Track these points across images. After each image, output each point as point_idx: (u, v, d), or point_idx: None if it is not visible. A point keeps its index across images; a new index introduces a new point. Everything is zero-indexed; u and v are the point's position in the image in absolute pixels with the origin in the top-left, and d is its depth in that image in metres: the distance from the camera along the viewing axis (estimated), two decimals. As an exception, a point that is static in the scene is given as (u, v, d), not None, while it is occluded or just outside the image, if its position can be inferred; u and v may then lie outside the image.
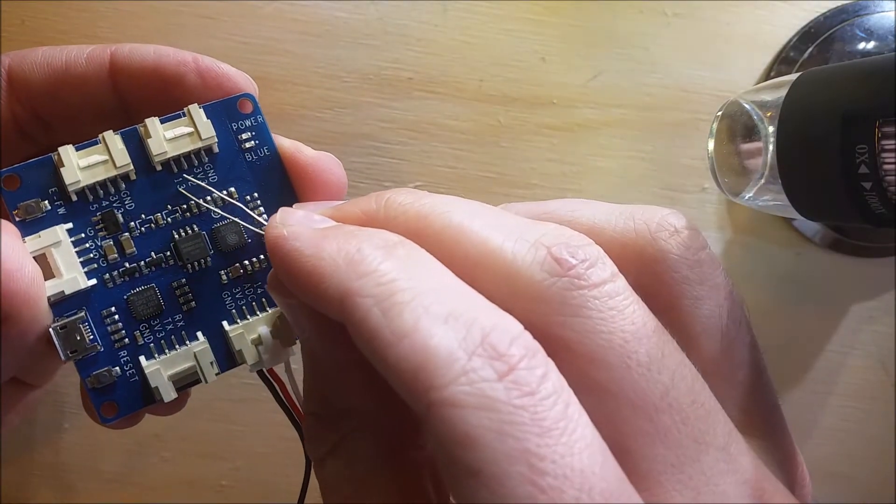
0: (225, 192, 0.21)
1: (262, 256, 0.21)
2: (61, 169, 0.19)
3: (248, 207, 0.21)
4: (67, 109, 0.21)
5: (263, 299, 0.21)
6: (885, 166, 0.21)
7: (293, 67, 0.29)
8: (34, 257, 0.19)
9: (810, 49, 0.31)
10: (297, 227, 0.17)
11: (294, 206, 0.20)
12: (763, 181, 0.26)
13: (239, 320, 0.20)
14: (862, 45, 0.31)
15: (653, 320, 0.15)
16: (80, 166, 0.19)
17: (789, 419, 0.18)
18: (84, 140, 0.20)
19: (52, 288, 0.19)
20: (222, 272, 0.20)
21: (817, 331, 0.34)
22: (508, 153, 0.31)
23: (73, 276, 0.19)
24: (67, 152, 0.19)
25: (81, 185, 0.19)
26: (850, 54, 0.31)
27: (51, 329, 0.19)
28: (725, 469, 0.15)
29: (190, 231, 0.20)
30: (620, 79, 0.31)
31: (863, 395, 0.34)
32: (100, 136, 0.20)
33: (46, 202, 0.19)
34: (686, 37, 0.31)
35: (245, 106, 0.21)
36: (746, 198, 0.28)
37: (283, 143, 0.22)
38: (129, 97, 0.21)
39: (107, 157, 0.19)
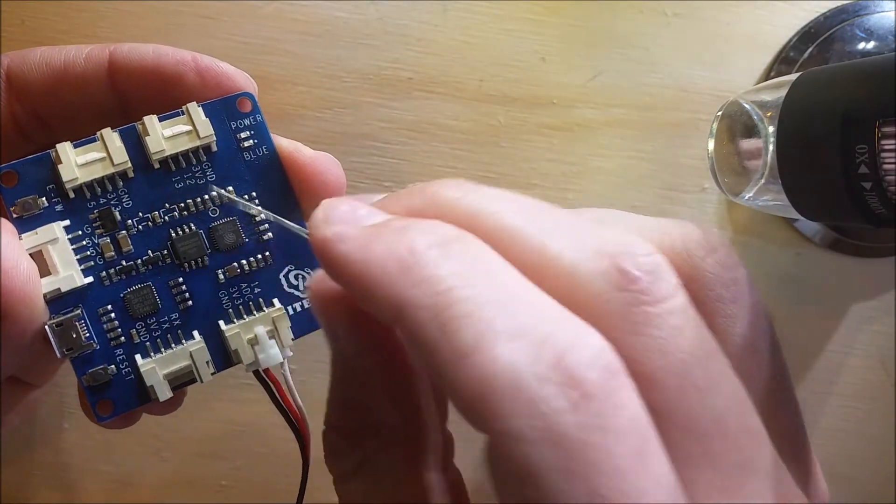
0: (246, 196, 0.20)
1: (259, 256, 0.21)
2: (59, 166, 0.19)
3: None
4: (66, 109, 0.21)
5: (261, 299, 0.21)
6: (885, 166, 0.21)
7: (293, 67, 0.29)
8: (31, 254, 0.19)
9: (810, 49, 0.31)
10: (343, 226, 0.15)
11: (323, 203, 0.18)
12: (763, 181, 0.26)
13: (235, 320, 0.20)
14: (862, 45, 0.31)
15: (711, 340, 0.15)
16: (77, 163, 0.19)
17: (789, 419, 0.18)
18: (83, 127, 0.20)
19: (48, 285, 0.19)
20: (219, 271, 0.20)
21: (817, 331, 0.34)
22: (508, 153, 0.31)
23: (69, 274, 0.19)
24: (65, 149, 0.19)
25: (79, 182, 0.19)
26: (850, 54, 0.31)
27: (46, 326, 0.19)
28: (771, 496, 0.14)
29: (187, 230, 0.20)
30: (620, 79, 0.31)
31: (863, 395, 0.34)
32: (98, 133, 0.19)
33: (44, 199, 0.19)
34: (686, 37, 0.31)
35: (244, 105, 0.21)
36: (746, 198, 0.28)
37: (282, 142, 0.21)
38: (129, 97, 0.21)
39: (104, 155, 0.19)
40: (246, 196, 0.21)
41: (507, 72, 0.31)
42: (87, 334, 0.19)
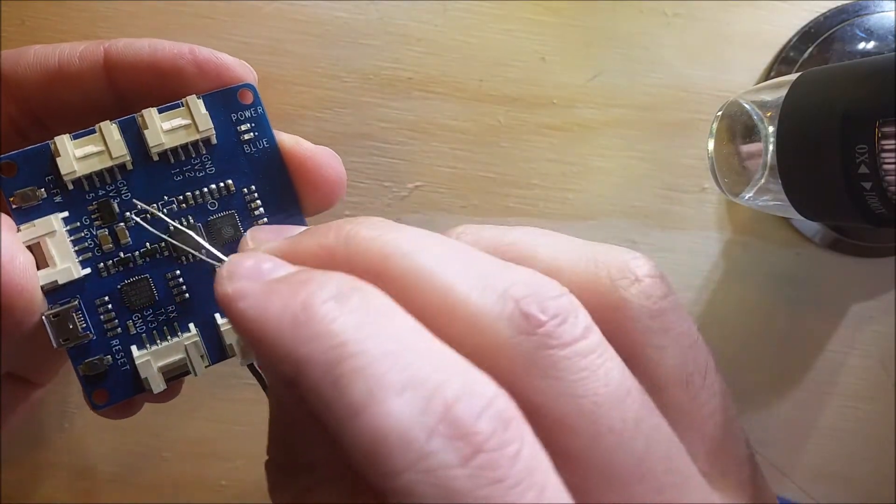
0: (221, 183, 0.20)
1: None
2: (57, 159, 0.19)
3: (244, 200, 0.21)
4: (64, 108, 0.21)
5: None
6: (885, 166, 0.21)
7: (293, 67, 0.29)
8: (29, 247, 0.19)
9: (810, 49, 0.31)
10: (244, 282, 0.15)
11: (250, 232, 0.19)
12: (763, 181, 0.26)
13: None
14: (862, 45, 0.31)
15: (628, 379, 0.15)
16: (76, 156, 0.19)
17: (789, 419, 0.18)
18: (80, 123, 0.20)
19: (45, 277, 0.19)
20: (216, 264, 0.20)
21: (817, 331, 0.34)
22: (508, 153, 0.31)
23: (66, 266, 0.19)
24: (64, 142, 0.19)
25: (77, 174, 0.19)
26: (850, 54, 0.31)
27: (43, 316, 0.19)
28: None
29: (185, 223, 0.20)
30: (620, 79, 0.31)
31: (863, 395, 0.34)
32: (96, 126, 0.19)
33: (43, 190, 0.19)
34: (686, 37, 0.31)
35: (245, 96, 0.20)
36: (746, 198, 0.28)
37: (283, 136, 0.21)
38: (126, 93, 0.21)
39: (103, 148, 0.19)
40: (245, 190, 0.21)
41: (507, 72, 0.31)
42: (84, 325, 0.20)
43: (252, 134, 0.21)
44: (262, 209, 0.21)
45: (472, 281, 0.14)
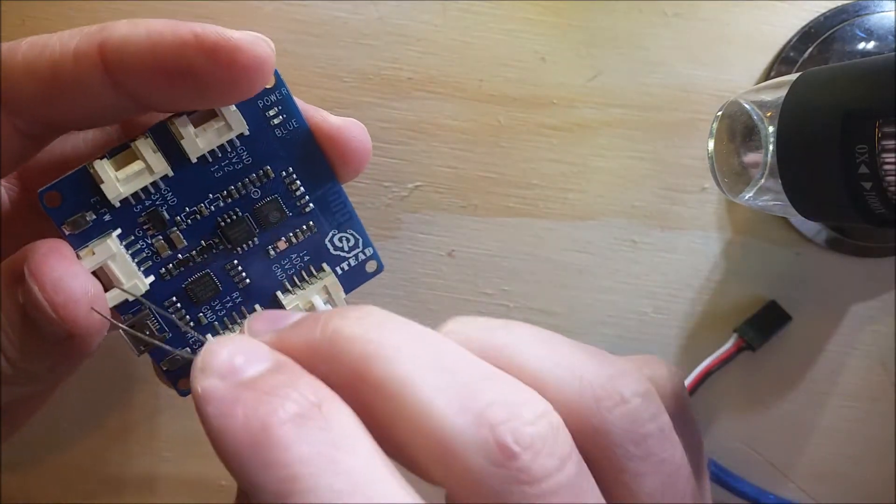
0: (260, 171, 0.21)
1: (304, 227, 0.22)
2: (101, 185, 0.19)
3: (285, 183, 0.21)
4: (73, 112, 0.19)
5: (311, 266, 0.22)
6: (885, 166, 0.21)
7: (293, 67, 0.29)
8: (92, 272, 0.19)
9: (810, 49, 0.31)
10: (214, 380, 0.15)
11: (247, 322, 0.19)
12: (763, 181, 0.26)
13: (292, 289, 0.22)
14: (862, 45, 0.31)
15: None
16: (118, 178, 0.19)
17: (789, 419, 0.18)
18: (96, 126, 0.20)
19: (114, 299, 0.20)
20: (269, 247, 0.22)
21: (817, 331, 0.34)
22: (508, 153, 0.31)
23: (133, 283, 0.20)
24: (103, 167, 0.19)
25: (123, 196, 0.20)
26: (850, 54, 0.31)
27: (121, 330, 0.20)
28: None
29: (234, 215, 0.21)
30: (620, 79, 0.31)
31: (863, 395, 0.34)
32: (131, 144, 0.19)
33: (90, 212, 0.20)
34: (686, 37, 0.31)
35: (268, 81, 0.21)
36: (746, 198, 0.28)
37: (308, 112, 0.21)
38: (133, 91, 0.19)
39: (143, 166, 0.20)
40: (283, 173, 0.21)
41: (507, 72, 0.31)
42: (158, 327, 0.21)
43: (281, 117, 0.21)
44: (301, 189, 0.21)
45: (450, 397, 0.14)
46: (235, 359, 0.16)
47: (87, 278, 0.19)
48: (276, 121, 0.21)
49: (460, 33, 0.30)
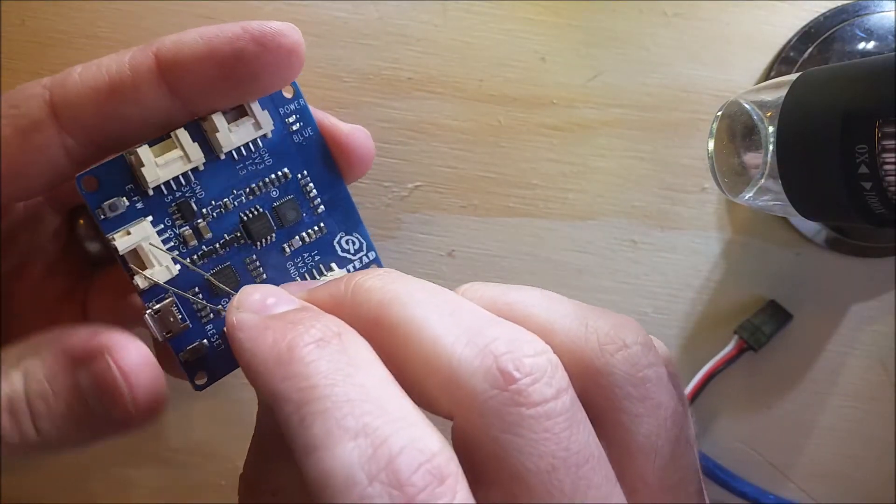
0: (280, 172, 0.23)
1: (316, 227, 0.23)
2: (141, 168, 0.20)
3: (300, 184, 0.23)
4: (125, 126, 0.20)
5: (321, 265, 0.23)
6: (885, 166, 0.21)
7: (293, 67, 0.29)
8: (128, 252, 0.20)
9: (810, 49, 0.31)
10: (247, 314, 0.17)
11: (283, 286, 0.20)
12: (763, 181, 0.26)
13: None
14: (862, 45, 0.31)
15: (593, 446, 0.15)
16: (158, 164, 0.20)
17: (789, 419, 0.18)
18: (144, 140, 0.21)
19: (144, 281, 0.21)
20: (285, 245, 0.23)
21: (817, 331, 0.34)
22: (508, 153, 0.31)
23: (163, 268, 0.21)
24: (146, 151, 0.20)
25: (161, 181, 0.21)
26: (850, 54, 0.31)
27: (146, 315, 0.21)
28: None
29: (256, 211, 0.22)
30: (620, 79, 0.31)
31: (863, 395, 0.34)
32: (171, 133, 0.21)
33: (125, 199, 0.21)
34: (686, 37, 0.31)
35: (288, 91, 0.23)
36: (746, 198, 0.28)
37: (319, 116, 0.23)
38: (188, 92, 0.20)
39: (182, 154, 0.21)
40: (299, 175, 0.23)
41: (507, 72, 0.31)
42: (181, 316, 0.21)
43: (298, 124, 0.23)
44: (315, 191, 0.23)
45: (459, 334, 0.15)
46: (268, 299, 0.18)
47: (136, 344, 0.20)
48: (294, 127, 0.23)
49: (460, 33, 0.30)
